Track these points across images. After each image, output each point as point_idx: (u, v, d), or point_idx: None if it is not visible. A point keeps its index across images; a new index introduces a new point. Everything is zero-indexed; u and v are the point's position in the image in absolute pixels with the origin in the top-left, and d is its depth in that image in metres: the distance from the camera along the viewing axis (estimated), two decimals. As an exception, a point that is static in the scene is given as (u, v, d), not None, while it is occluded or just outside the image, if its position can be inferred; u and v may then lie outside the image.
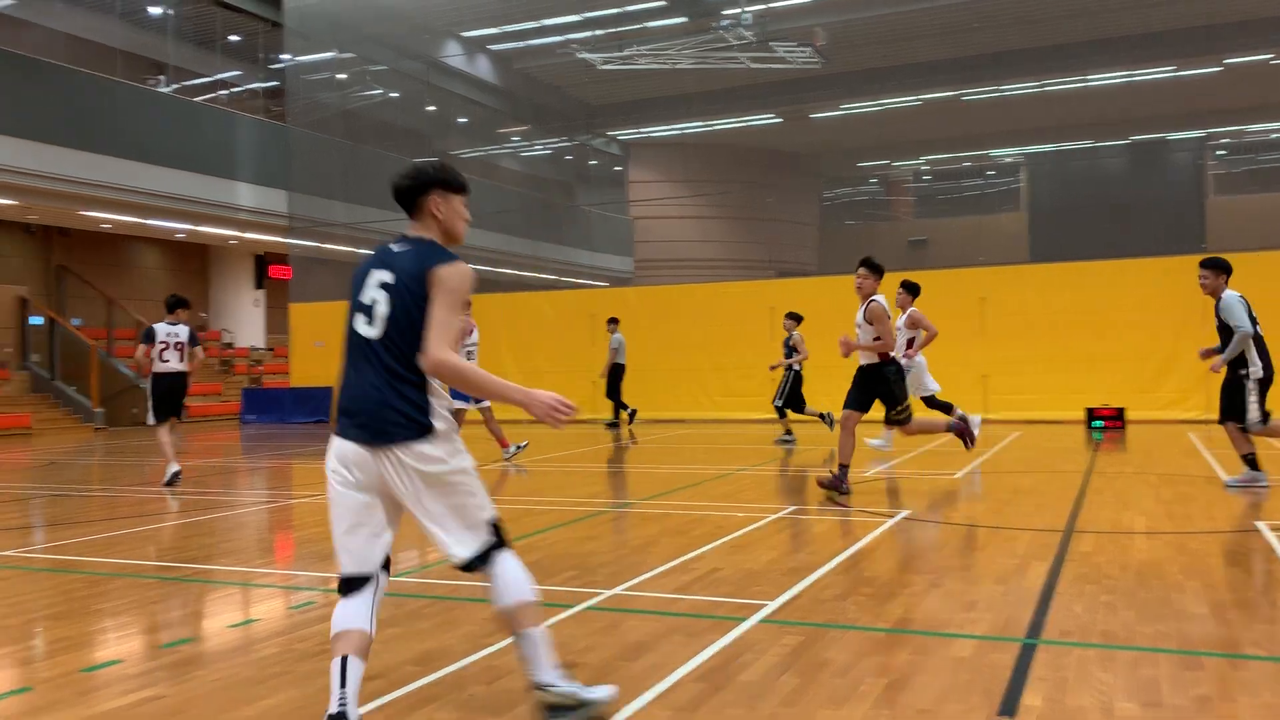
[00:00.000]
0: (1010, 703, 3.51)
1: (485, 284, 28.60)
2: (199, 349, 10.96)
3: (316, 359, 22.72)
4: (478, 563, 3.41)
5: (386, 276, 3.38)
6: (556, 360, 20.40)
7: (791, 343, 14.27)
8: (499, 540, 3.49)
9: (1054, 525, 6.93)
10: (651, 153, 35.75)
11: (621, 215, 35.57)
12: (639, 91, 30.50)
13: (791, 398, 14.10)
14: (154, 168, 21.88)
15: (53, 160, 19.86)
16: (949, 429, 9.22)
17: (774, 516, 7.56)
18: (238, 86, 28.68)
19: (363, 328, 3.37)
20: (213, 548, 7.01)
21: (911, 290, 12.14)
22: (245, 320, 29.80)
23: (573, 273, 32.55)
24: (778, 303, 18.65)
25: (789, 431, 14.45)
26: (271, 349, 29.32)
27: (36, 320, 23.39)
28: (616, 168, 36.60)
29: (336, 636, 3.22)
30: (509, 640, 3.13)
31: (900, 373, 8.57)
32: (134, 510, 9.05)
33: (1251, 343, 8.11)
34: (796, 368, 14.15)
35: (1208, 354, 8.45)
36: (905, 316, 11.72)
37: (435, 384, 3.39)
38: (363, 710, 3.49)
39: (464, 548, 3.40)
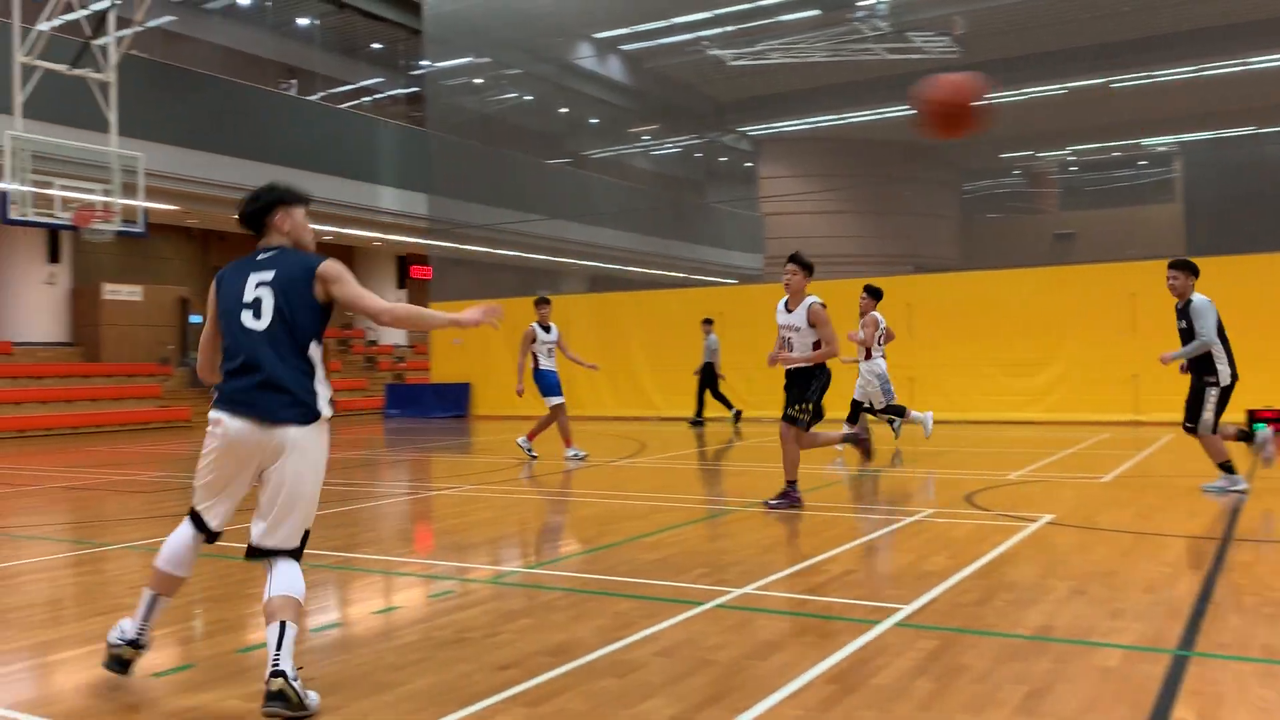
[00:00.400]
0: (1159, 717, 3.35)
1: (615, 282, 28.97)
2: None
3: (456, 356, 23.36)
4: (268, 555, 3.79)
5: (265, 276, 3.81)
6: (687, 358, 20.41)
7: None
8: (301, 549, 3.85)
9: (1209, 533, 6.58)
10: (783, 148, 35.42)
11: (751, 212, 35.38)
12: (770, 86, 30.26)
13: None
14: (303, 172, 22.89)
15: (210, 167, 21.02)
16: (844, 439, 8.83)
17: (910, 519, 7.41)
18: (380, 93, 29.76)
19: (250, 321, 3.77)
20: (357, 537, 7.29)
21: (874, 295, 12.29)
22: (389, 318, 30.87)
23: (702, 270, 32.56)
24: (914, 299, 18.24)
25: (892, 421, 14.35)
26: (413, 346, 30.32)
27: (196, 319, 24.76)
28: (747, 164, 36.42)
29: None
30: (270, 628, 3.51)
31: (828, 381, 7.95)
32: (285, 500, 9.49)
33: (1221, 351, 8.03)
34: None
35: (1169, 359, 8.20)
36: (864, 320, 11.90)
37: (321, 372, 3.80)
38: (497, 699, 3.60)
39: (273, 539, 3.78)
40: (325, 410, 3.78)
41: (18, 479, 11.38)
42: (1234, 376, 8.04)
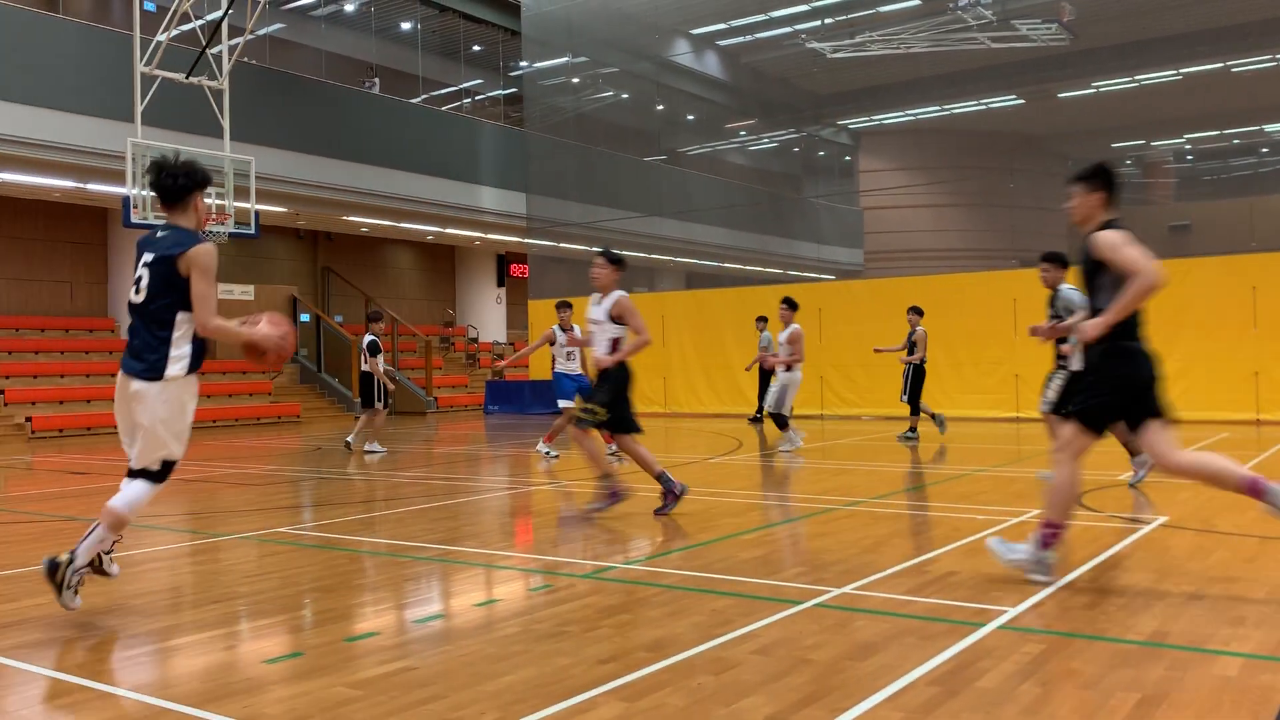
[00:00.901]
0: (1285, 730, 3.20)
1: (710, 279, 28.89)
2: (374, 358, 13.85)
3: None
4: (136, 475, 4.77)
5: (148, 257, 4.76)
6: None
7: (914, 338, 14.16)
8: (156, 475, 4.79)
9: (1340, 537, 6.25)
10: (883, 141, 34.82)
11: (851, 206, 34.88)
12: (870, 78, 29.78)
13: (913, 394, 14.09)
14: (405, 174, 23.46)
15: (318, 170, 21.66)
16: (605, 480, 7.83)
17: (1016, 520, 7.22)
18: (480, 94, 30.24)
19: (132, 296, 4.78)
20: (458, 530, 7.43)
21: (792, 306, 12.43)
22: (488, 316, 31.40)
23: (799, 266, 32.24)
24: (1021, 294, 17.76)
25: (916, 427, 14.44)
26: (512, 343, 30.77)
27: (305, 317, 25.55)
28: (846, 158, 35.91)
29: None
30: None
31: (625, 380, 7.66)
32: (390, 493, 9.74)
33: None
34: (915, 363, 14.18)
35: (1035, 331, 8.20)
36: (788, 332, 12.12)
37: (179, 339, 4.75)
38: (596, 692, 3.62)
39: (134, 462, 4.79)
40: (172, 372, 4.76)
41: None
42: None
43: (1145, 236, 5.41)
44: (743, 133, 34.19)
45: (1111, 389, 5.01)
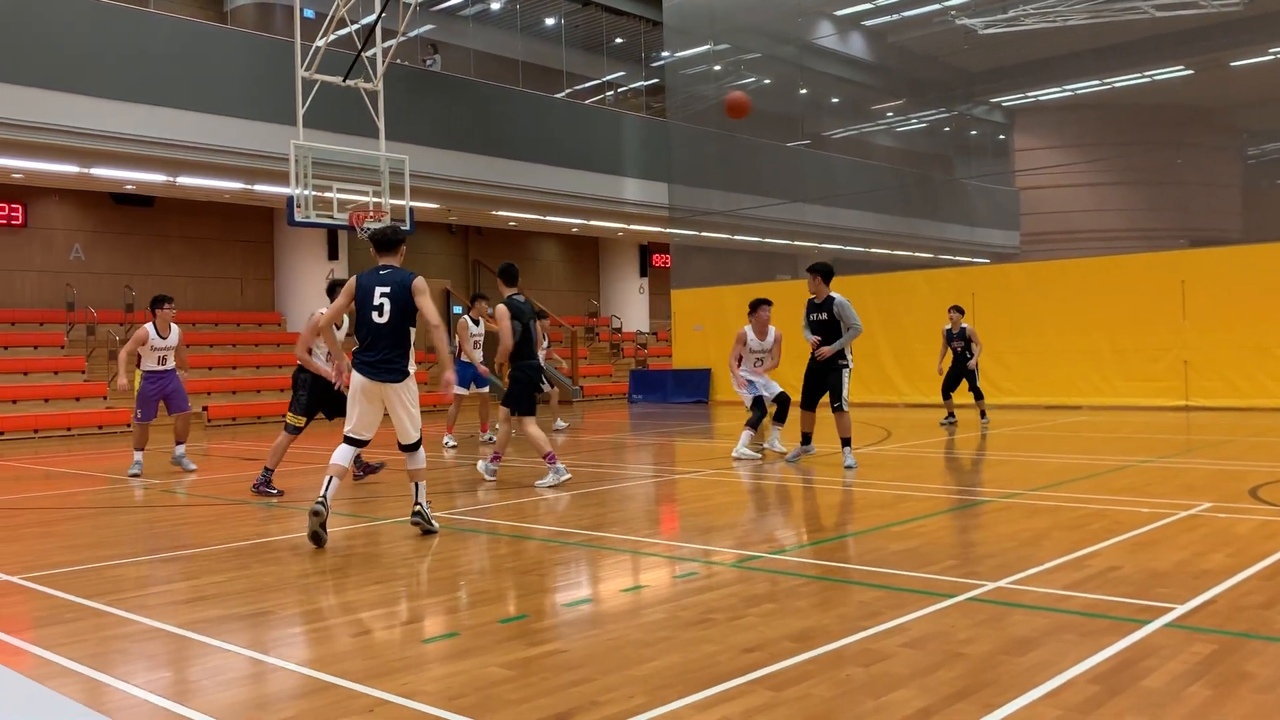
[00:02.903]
0: None
1: (855, 265, 28.40)
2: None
3: (696, 342, 23.66)
4: (409, 449, 6.71)
5: (384, 289, 6.45)
6: (933, 342, 19.77)
7: (969, 335, 14.33)
8: (420, 442, 6.69)
9: None
10: (1039, 118, 33.40)
11: (1006, 186, 33.64)
12: (1024, 54, 28.60)
13: (956, 383, 14.50)
14: (550, 167, 23.88)
15: (468, 167, 22.28)
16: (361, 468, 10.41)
17: (1185, 514, 6.85)
18: (622, 86, 30.49)
19: (375, 318, 6.44)
20: (605, 517, 7.54)
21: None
22: (632, 306, 31.69)
23: (951, 250, 31.30)
24: (1190, 275, 16.83)
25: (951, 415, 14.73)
26: (655, 333, 30.96)
27: (456, 310, 26.34)
28: (1000, 136, 34.60)
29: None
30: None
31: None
32: (538, 479, 9.95)
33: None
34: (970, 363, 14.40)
35: (818, 345, 9.83)
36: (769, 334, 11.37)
37: (410, 349, 6.49)
38: (742, 680, 3.62)
39: (406, 438, 6.66)
40: (411, 370, 6.56)
41: (308, 457, 12.52)
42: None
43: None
44: (890, 114, 33.37)
45: None
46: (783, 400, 11.00)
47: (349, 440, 6.60)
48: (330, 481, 6.41)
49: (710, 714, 3.31)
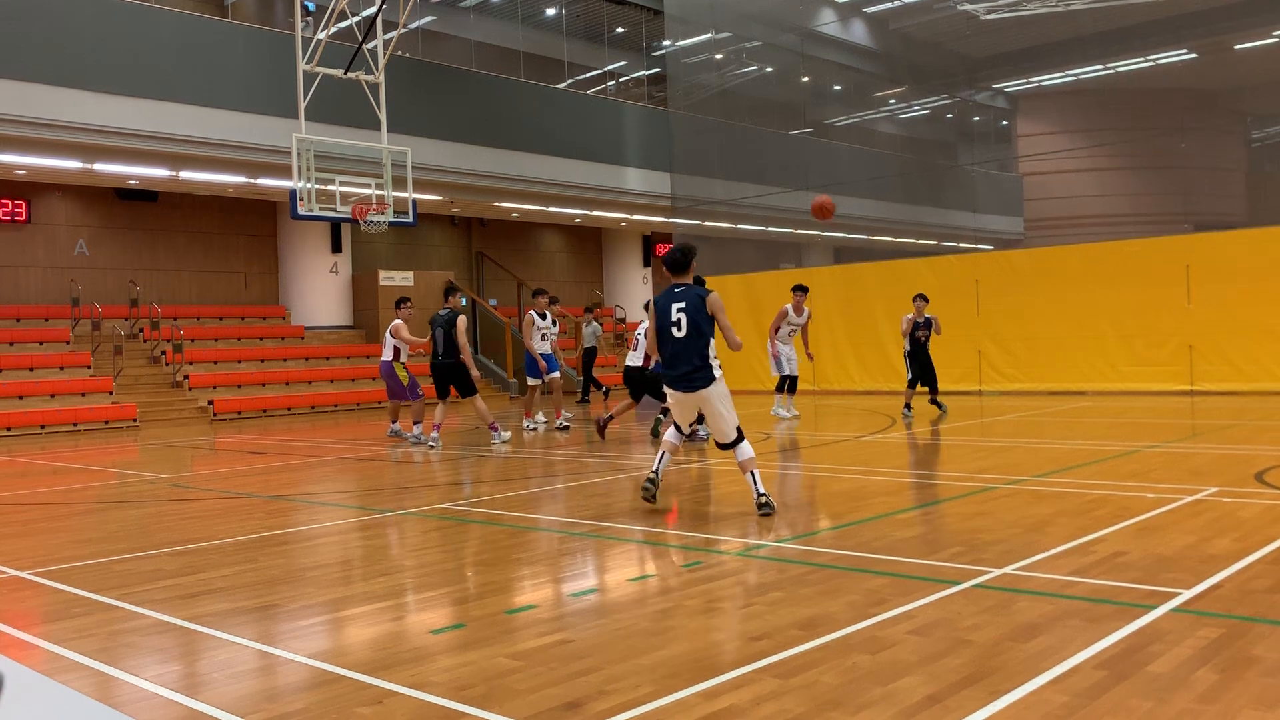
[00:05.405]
0: None
1: (859, 253, 28.34)
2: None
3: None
4: (730, 445, 6.95)
5: (680, 305, 6.94)
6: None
7: (935, 324, 14.44)
8: (741, 437, 6.95)
9: None
10: (1042, 103, 33.28)
11: (1009, 173, 33.56)
12: (1027, 39, 28.51)
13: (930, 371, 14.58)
14: (553, 158, 23.85)
15: (470, 158, 22.26)
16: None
17: (1191, 498, 6.84)
18: (623, 76, 30.41)
19: (675, 331, 6.96)
20: (610, 507, 7.55)
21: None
22: (636, 296, 31.67)
23: (954, 236, 31.23)
24: (1195, 260, 16.78)
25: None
26: (659, 322, 30.89)
27: (461, 301, 26.36)
28: (1003, 122, 34.50)
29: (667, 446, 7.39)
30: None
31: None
32: (544, 470, 9.97)
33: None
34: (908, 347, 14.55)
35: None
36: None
37: (713, 354, 7.00)
38: (749, 668, 3.64)
39: (724, 437, 6.98)
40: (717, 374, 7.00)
41: (313, 450, 12.55)
42: None
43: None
44: (892, 101, 33.27)
45: None
46: (792, 380, 14.47)
47: (677, 429, 7.40)
48: (663, 456, 7.26)
49: (718, 702, 3.32)
